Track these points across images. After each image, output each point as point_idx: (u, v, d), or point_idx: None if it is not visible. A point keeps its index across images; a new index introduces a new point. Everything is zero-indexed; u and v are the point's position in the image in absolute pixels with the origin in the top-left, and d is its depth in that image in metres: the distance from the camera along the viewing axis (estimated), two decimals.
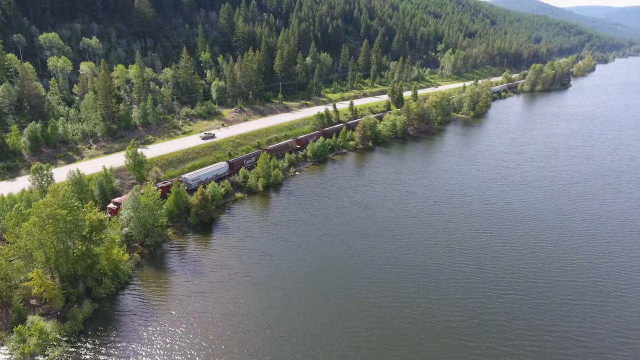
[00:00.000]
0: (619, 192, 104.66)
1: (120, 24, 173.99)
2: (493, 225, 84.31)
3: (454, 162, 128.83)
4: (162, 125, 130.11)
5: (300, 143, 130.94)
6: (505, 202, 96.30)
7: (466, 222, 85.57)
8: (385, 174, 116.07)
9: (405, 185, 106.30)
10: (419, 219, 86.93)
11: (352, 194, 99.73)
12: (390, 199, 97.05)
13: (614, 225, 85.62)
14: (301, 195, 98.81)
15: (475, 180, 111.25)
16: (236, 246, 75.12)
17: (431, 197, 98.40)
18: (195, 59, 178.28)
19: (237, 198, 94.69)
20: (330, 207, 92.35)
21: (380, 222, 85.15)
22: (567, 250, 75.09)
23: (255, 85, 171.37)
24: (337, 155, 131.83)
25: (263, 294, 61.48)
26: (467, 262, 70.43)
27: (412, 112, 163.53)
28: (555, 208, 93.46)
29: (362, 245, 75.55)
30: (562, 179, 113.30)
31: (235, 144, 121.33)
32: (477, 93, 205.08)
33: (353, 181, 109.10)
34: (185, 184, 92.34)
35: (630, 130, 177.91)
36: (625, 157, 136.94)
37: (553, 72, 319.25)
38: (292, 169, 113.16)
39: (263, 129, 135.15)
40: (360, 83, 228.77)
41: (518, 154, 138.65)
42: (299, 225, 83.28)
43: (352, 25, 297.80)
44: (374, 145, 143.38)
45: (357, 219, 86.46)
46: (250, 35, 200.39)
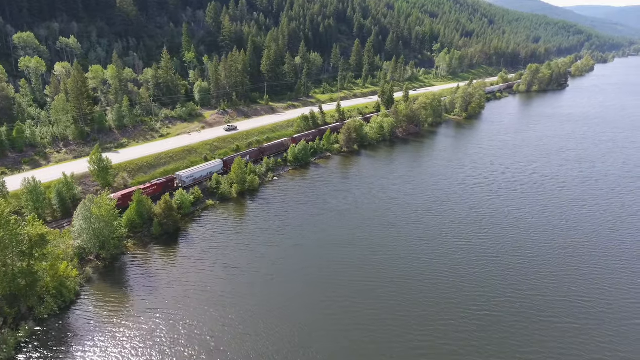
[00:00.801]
0: (609, 198, 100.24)
1: (102, 23, 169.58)
2: (474, 235, 79.87)
3: (440, 166, 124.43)
4: (139, 128, 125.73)
5: (296, 141, 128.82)
6: (489, 209, 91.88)
7: (446, 231, 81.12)
8: (367, 178, 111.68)
9: (387, 191, 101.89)
10: (396, 228, 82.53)
11: (330, 200, 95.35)
12: (368, 206, 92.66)
13: (604, 234, 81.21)
14: (277, 202, 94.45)
15: (461, 185, 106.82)
16: (199, 258, 70.76)
17: (412, 204, 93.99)
18: (180, 59, 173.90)
19: (208, 205, 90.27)
20: (305, 214, 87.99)
21: (355, 231, 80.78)
22: (552, 262, 70.68)
23: (240, 86, 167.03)
24: (320, 159, 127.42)
25: (218, 313, 57.09)
26: (443, 276, 66.01)
27: (401, 114, 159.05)
28: (542, 216, 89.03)
29: (333, 257, 71.14)
30: (551, 184, 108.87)
31: (212, 147, 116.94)
32: (469, 94, 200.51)
33: (333, 186, 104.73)
34: (179, 182, 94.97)
35: (626, 133, 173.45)
36: (618, 161, 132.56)
37: (550, 72, 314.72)
38: (270, 174, 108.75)
39: (244, 132, 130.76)
40: (351, 84, 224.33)
41: (508, 157, 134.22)
42: (269, 235, 78.91)
43: (345, 25, 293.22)
44: (360, 149, 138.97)
45: (331, 227, 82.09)
46: (238, 35, 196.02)
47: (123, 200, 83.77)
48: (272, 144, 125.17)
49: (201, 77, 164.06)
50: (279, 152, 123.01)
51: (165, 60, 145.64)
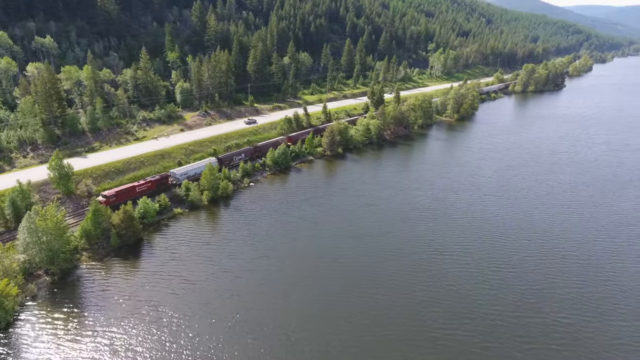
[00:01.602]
0: (599, 205, 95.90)
1: (82, 22, 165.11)
2: (450, 246, 75.49)
3: (425, 170, 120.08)
4: (114, 131, 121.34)
5: (292, 140, 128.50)
6: (470, 218, 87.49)
7: (420, 242, 76.76)
8: (347, 184, 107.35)
9: (366, 197, 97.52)
10: (369, 238, 78.19)
11: (305, 208, 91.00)
12: (344, 214, 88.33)
13: (590, 245, 76.83)
14: (249, 210, 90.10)
15: (443, 191, 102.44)
16: (157, 272, 66.44)
17: (390, 212, 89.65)
18: (163, 60, 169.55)
19: (176, 214, 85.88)
20: (277, 223, 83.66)
21: (326, 242, 76.46)
22: (533, 276, 66.32)
23: (224, 86, 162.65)
24: (302, 163, 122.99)
25: (167, 336, 52.78)
26: (415, 291, 61.69)
27: (389, 116, 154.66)
28: (525, 225, 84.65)
29: (299, 271, 66.83)
30: (538, 190, 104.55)
31: (188, 151, 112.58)
32: (461, 95, 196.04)
33: (310, 193, 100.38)
34: (173, 179, 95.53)
35: (620, 135, 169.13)
36: (611, 164, 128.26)
37: (546, 72, 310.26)
38: (246, 180, 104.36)
39: (223, 134, 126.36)
40: (341, 84, 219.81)
41: (496, 160, 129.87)
42: (235, 246, 74.58)
43: (337, 24, 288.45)
44: (345, 152, 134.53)
45: (301, 237, 77.77)
46: (224, 34, 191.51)
47: (118, 196, 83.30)
48: (267, 143, 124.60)
49: (184, 77, 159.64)
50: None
51: (144, 61, 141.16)
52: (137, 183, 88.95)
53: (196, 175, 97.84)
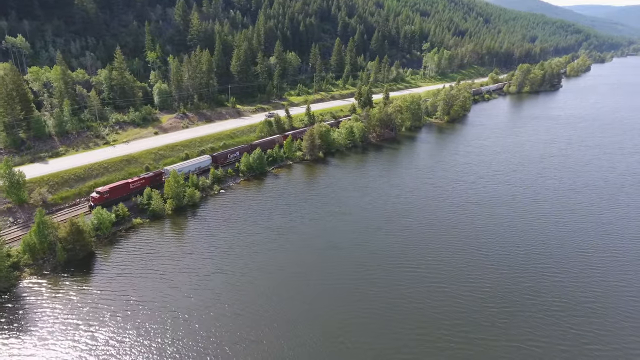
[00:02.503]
0: (587, 213, 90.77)
1: (59, 21, 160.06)
2: (424, 259, 70.36)
3: (407, 175, 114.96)
4: (83, 134, 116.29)
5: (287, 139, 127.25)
6: (450, 227, 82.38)
7: (392, 255, 71.66)
8: (324, 190, 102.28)
9: (342, 205, 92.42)
10: (338, 250, 73.13)
11: (274, 217, 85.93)
12: (315, 223, 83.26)
13: (577, 259, 71.69)
14: (215, 220, 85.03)
15: (424, 198, 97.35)
16: (102, 289, 61.37)
17: (364, 221, 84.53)
18: (143, 59, 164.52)
19: (135, 225, 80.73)
20: (241, 234, 78.59)
21: (291, 255, 71.38)
22: (511, 293, 61.25)
23: (205, 87, 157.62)
24: (280, 168, 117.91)
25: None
26: (379, 309, 56.62)
27: (374, 118, 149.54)
28: (509, 235, 79.55)
29: (255, 289, 61.74)
30: (525, 197, 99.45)
31: (157, 156, 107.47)
32: (452, 96, 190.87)
33: (283, 200, 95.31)
34: (167, 176, 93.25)
35: (614, 137, 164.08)
36: (602, 169, 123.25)
37: (542, 73, 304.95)
38: (216, 187, 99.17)
39: (198, 138, 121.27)
40: (329, 85, 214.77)
41: (483, 165, 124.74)
42: (192, 260, 69.48)
43: (329, 23, 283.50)
44: (327, 156, 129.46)
45: (264, 250, 72.64)
46: (208, 34, 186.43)
47: (111, 193, 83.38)
48: (263, 141, 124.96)
49: (163, 78, 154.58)
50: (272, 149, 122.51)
51: (119, 61, 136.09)
52: (131, 180, 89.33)
53: (190, 173, 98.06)
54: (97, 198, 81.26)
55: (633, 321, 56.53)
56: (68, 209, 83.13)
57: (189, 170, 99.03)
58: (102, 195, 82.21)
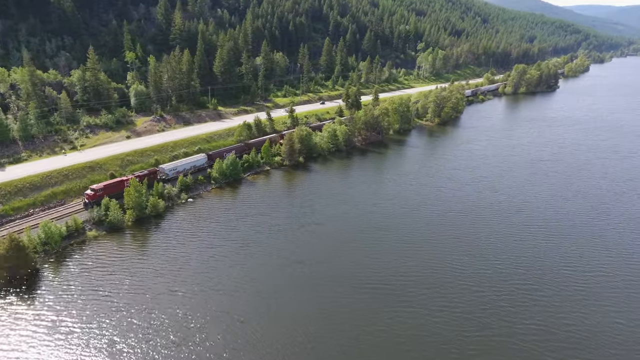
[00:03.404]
0: (576, 225, 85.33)
1: (35, 20, 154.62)
2: (396, 276, 64.97)
3: (389, 181, 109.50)
4: (50, 138, 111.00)
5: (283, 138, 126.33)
6: (427, 239, 76.99)
7: (362, 272, 66.26)
8: (299, 198, 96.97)
9: (315, 215, 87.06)
10: (303, 266, 67.79)
11: (241, 228, 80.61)
12: (283, 236, 77.92)
13: (564, 279, 66.28)
14: (178, 232, 79.66)
15: (404, 207, 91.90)
16: (37, 316, 55.99)
17: (336, 233, 79.20)
18: (122, 60, 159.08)
19: (89, 238, 75.38)
20: (202, 247, 73.23)
21: (251, 272, 66.01)
22: (487, 317, 55.88)
23: (186, 89, 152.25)
24: (256, 175, 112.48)
25: None
26: (353, 341, 51.29)
27: (359, 121, 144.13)
28: (491, 251, 74.09)
29: (205, 313, 56.35)
30: (511, 205, 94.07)
31: (124, 162, 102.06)
32: (443, 97, 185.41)
33: (254, 209, 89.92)
34: (162, 174, 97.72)
35: (609, 140, 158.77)
36: (595, 175, 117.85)
37: (538, 73, 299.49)
38: (183, 195, 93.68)
39: (170, 142, 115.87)
40: (319, 86, 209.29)
41: (471, 170, 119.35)
42: (140, 279, 64.02)
43: (321, 23, 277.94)
44: (308, 161, 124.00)
45: (223, 267, 67.24)
46: (192, 33, 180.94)
47: (105, 190, 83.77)
48: (260, 140, 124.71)
49: (142, 79, 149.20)
50: None
51: (92, 61, 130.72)
52: (126, 177, 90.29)
53: (185, 172, 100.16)
54: (91, 195, 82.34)
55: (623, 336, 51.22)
56: (19, 220, 77.78)
57: (184, 169, 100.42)
58: (96, 192, 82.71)
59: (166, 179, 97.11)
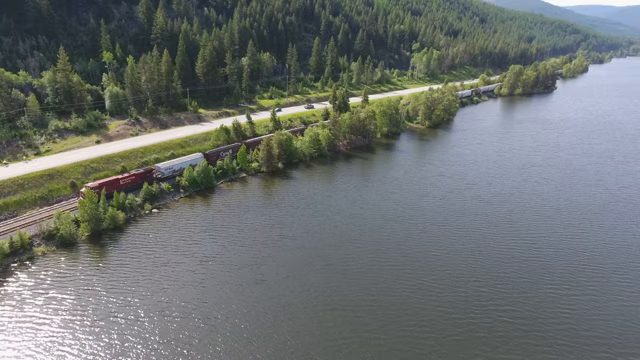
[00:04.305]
0: (569, 238, 79.61)
1: (10, 19, 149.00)
2: (365, 297, 59.32)
3: (371, 189, 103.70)
4: (13, 143, 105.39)
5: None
6: (403, 255, 71.24)
7: (328, 292, 60.59)
8: (270, 208, 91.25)
9: (285, 228, 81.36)
10: (263, 286, 62.06)
11: (205, 242, 74.96)
12: (247, 251, 72.21)
13: (551, 299, 60.60)
14: (134, 247, 73.89)
15: (382, 218, 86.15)
16: None
17: (305, 248, 73.51)
18: (99, 61, 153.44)
19: (35, 255, 69.68)
20: (154, 265, 67.52)
21: (206, 295, 60.34)
22: (470, 334, 50.25)
23: (165, 90, 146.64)
24: (230, 182, 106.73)
25: None
26: None
27: (343, 124, 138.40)
28: (472, 265, 68.41)
29: (146, 341, 50.72)
30: (496, 216, 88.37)
31: (88, 169, 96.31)
32: (434, 99, 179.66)
33: (220, 221, 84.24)
34: (158, 173, 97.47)
35: (605, 144, 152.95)
36: (589, 182, 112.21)
37: (535, 74, 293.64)
38: (147, 206, 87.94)
39: (141, 148, 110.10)
40: (307, 87, 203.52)
41: (457, 177, 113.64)
42: (81, 302, 58.36)
43: (313, 23, 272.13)
44: (287, 167, 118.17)
45: (176, 287, 61.57)
46: (175, 32, 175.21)
47: (101, 188, 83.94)
48: (258, 139, 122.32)
49: (119, 80, 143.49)
50: None
51: (63, 62, 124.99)
52: (121, 176, 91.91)
53: (181, 170, 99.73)
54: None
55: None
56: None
57: (180, 168, 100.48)
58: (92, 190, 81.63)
59: (162, 178, 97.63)
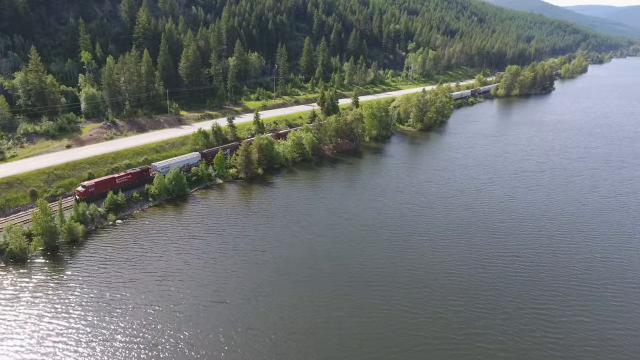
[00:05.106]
0: (560, 253, 74.21)
1: None
2: (334, 321, 54.00)
3: (352, 196, 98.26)
4: None
5: (280, 137, 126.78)
6: (379, 267, 65.84)
7: (290, 317, 55.28)
8: (243, 218, 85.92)
9: (256, 240, 76.05)
10: (225, 307, 56.68)
11: (168, 256, 69.60)
12: (211, 267, 66.90)
13: (539, 323, 55.25)
14: (91, 263, 68.42)
15: (360, 230, 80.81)
16: None
17: (274, 263, 68.13)
18: (78, 61, 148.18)
19: None
20: (108, 284, 62.17)
21: (158, 319, 55.02)
22: None
23: (145, 91, 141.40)
24: (205, 189, 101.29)
25: None
26: None
27: (329, 127, 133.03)
28: (453, 282, 63.03)
29: None
30: (485, 227, 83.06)
31: (52, 177, 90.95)
32: (426, 101, 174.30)
33: (189, 231, 78.87)
34: (154, 172, 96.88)
35: (601, 148, 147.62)
36: (584, 189, 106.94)
37: (532, 75, 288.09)
38: (111, 216, 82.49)
39: (112, 153, 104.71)
40: (297, 88, 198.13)
41: (444, 183, 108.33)
42: (20, 326, 53.09)
43: (305, 22, 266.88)
44: (268, 173, 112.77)
45: (124, 311, 56.20)
46: (158, 32, 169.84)
47: (97, 187, 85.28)
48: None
49: (97, 81, 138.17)
50: None
51: (35, 62, 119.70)
52: (117, 175, 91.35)
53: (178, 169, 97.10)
54: (83, 192, 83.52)
55: None
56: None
57: (177, 167, 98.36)
58: (88, 189, 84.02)
59: None
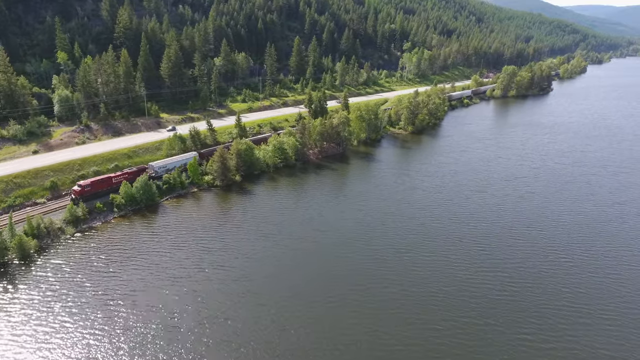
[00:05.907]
0: (550, 269, 68.52)
1: None
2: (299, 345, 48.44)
3: (332, 205, 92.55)
4: None
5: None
6: (354, 283, 60.20)
7: (256, 341, 49.69)
8: (213, 230, 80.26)
9: (223, 255, 70.45)
10: (180, 330, 51.01)
11: (122, 275, 63.98)
12: (171, 285, 61.25)
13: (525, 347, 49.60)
14: (38, 284, 62.98)
15: (336, 242, 75.15)
16: None
17: (240, 279, 62.53)
18: (54, 61, 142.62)
19: None
20: (54, 307, 56.66)
21: (104, 348, 49.39)
22: None
23: (124, 93, 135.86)
24: (177, 198, 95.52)
25: None
26: None
27: (314, 131, 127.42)
28: (434, 302, 57.38)
29: None
30: (472, 238, 77.26)
31: (10, 185, 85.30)
32: (417, 103, 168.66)
33: (151, 245, 73.30)
34: (152, 171, 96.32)
35: (599, 152, 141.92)
36: (580, 197, 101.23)
37: (530, 75, 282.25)
38: (70, 229, 76.79)
39: (79, 160, 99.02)
40: (286, 89, 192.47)
41: (431, 190, 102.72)
42: None
43: (297, 21, 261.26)
44: (245, 180, 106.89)
45: (63, 338, 50.63)
46: (140, 31, 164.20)
47: (93, 186, 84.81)
48: (255, 139, 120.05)
49: (70, 83, 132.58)
50: None
51: (3, 63, 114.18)
52: (114, 174, 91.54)
53: (175, 169, 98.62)
54: (79, 191, 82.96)
55: None
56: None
57: (173, 167, 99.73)
58: (84, 188, 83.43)
59: (156, 177, 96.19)
